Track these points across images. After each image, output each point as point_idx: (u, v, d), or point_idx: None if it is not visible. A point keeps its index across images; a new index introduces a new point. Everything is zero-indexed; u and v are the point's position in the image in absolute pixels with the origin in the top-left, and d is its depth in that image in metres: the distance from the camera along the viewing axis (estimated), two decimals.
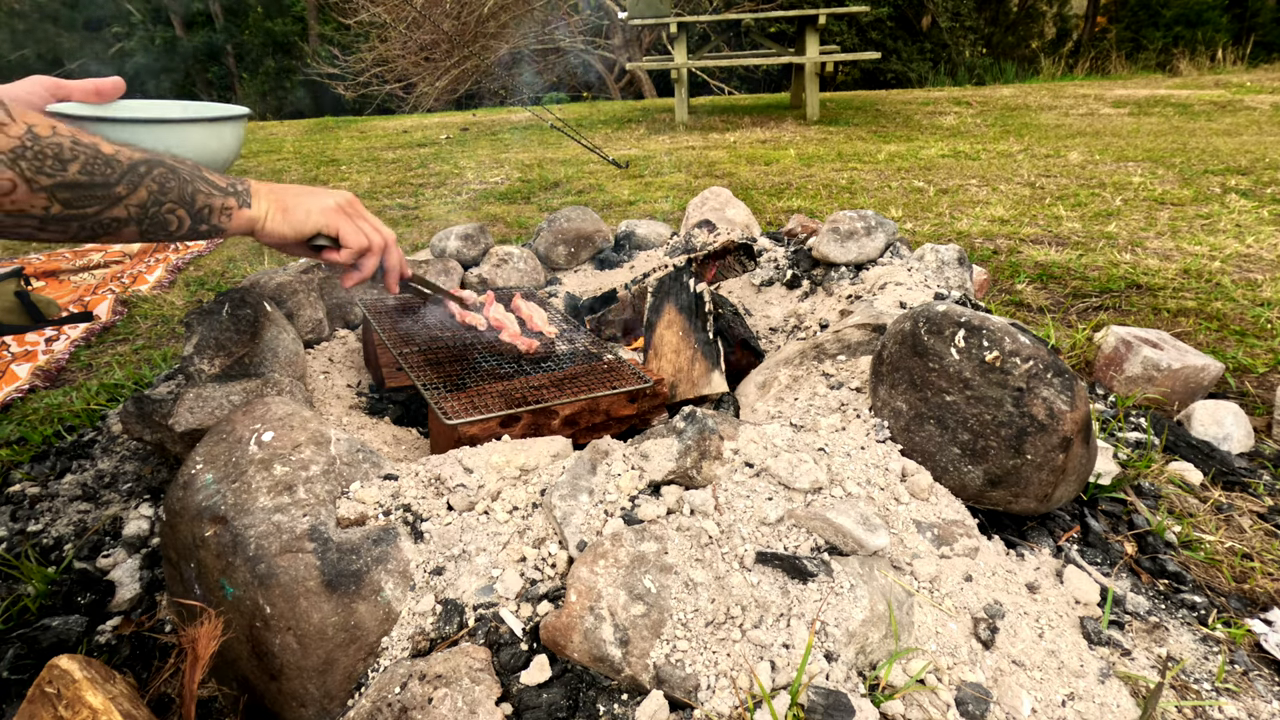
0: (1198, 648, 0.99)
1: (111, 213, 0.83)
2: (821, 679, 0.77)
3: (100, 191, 0.81)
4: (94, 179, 0.80)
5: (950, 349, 1.05)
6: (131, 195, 0.84)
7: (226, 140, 1.14)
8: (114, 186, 0.82)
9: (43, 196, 0.78)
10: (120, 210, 0.84)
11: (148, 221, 0.87)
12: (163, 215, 0.88)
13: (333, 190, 1.07)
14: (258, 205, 0.98)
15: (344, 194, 1.07)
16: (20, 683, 0.99)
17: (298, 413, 1.05)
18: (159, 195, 0.86)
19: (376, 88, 9.38)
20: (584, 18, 9.82)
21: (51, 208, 0.79)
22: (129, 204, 0.84)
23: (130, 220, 0.85)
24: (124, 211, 0.84)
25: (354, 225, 1.06)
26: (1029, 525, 1.15)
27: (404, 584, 0.87)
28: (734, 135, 6.21)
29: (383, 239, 1.10)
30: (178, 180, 0.88)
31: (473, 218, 3.77)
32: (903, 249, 1.83)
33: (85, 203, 0.81)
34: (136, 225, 0.86)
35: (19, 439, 1.70)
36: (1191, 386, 1.65)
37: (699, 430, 1.00)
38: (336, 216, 1.04)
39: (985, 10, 14.72)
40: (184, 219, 0.90)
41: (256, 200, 0.98)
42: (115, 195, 0.82)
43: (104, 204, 0.82)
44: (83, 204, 0.81)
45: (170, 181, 0.87)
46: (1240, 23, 13.96)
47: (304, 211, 1.01)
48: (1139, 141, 5.13)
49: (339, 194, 1.06)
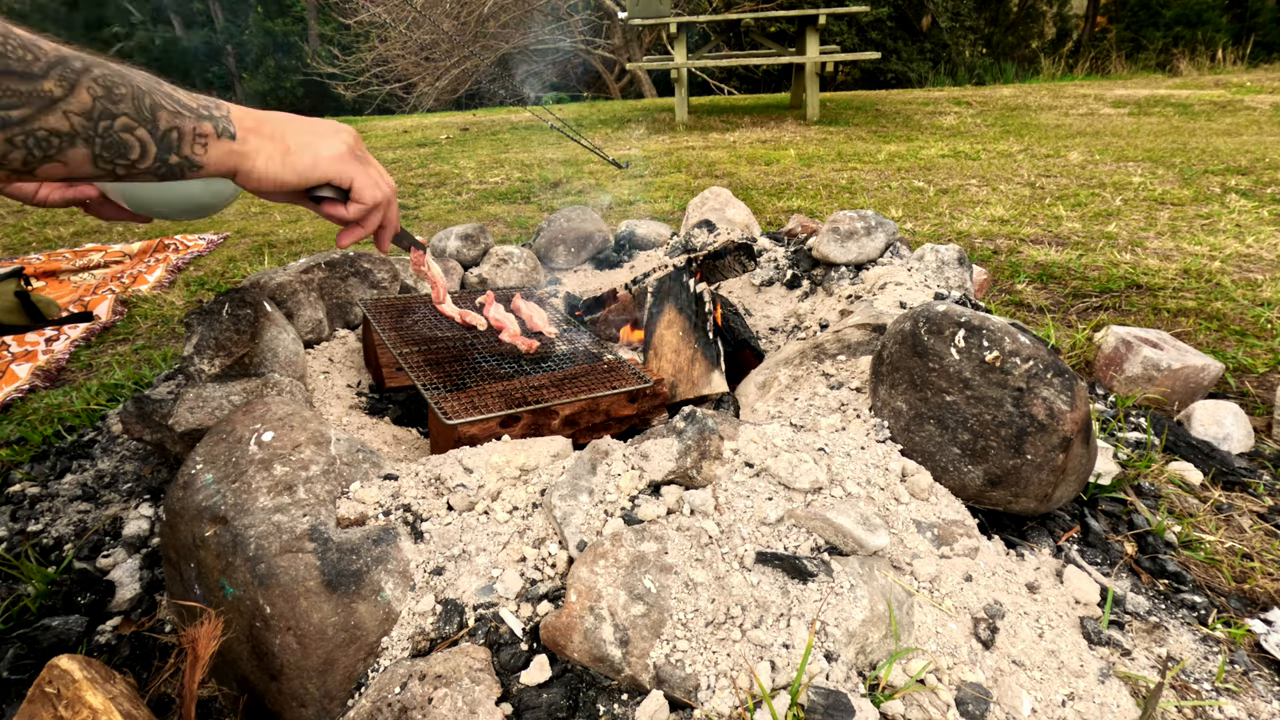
0: (1198, 648, 0.99)
1: (48, 121, 0.64)
2: (821, 679, 0.77)
3: (23, 85, 0.62)
4: (9, 64, 0.61)
5: (950, 349, 1.05)
6: (70, 98, 0.64)
7: None
8: (40, 80, 0.63)
9: None
10: (59, 119, 0.64)
11: (99, 141, 0.67)
12: (116, 134, 0.67)
13: (333, 124, 0.87)
14: (244, 140, 0.77)
15: (345, 129, 0.88)
16: (20, 683, 0.99)
17: (298, 413, 1.05)
18: (107, 104, 0.66)
19: (376, 88, 9.38)
20: (584, 17, 9.82)
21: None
22: (68, 111, 0.64)
23: (77, 136, 0.65)
24: (65, 122, 0.64)
25: (367, 174, 0.88)
26: (1029, 525, 1.15)
27: (404, 584, 0.87)
28: (734, 135, 6.21)
29: (390, 189, 0.93)
30: (130, 87, 0.68)
31: (473, 218, 3.77)
32: (903, 249, 1.83)
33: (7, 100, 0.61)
34: (86, 145, 0.66)
35: (19, 439, 1.70)
36: (1191, 386, 1.65)
37: (699, 430, 1.00)
38: (350, 165, 0.85)
39: (985, 10, 14.72)
40: (147, 144, 0.70)
41: (243, 134, 0.76)
42: (46, 94, 0.63)
43: (35, 106, 0.63)
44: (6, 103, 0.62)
45: (120, 87, 0.67)
46: (1240, 23, 13.96)
47: (311, 156, 0.81)
48: (1139, 141, 5.13)
49: (342, 131, 0.87)
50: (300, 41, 15.55)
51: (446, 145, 6.55)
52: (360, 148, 0.89)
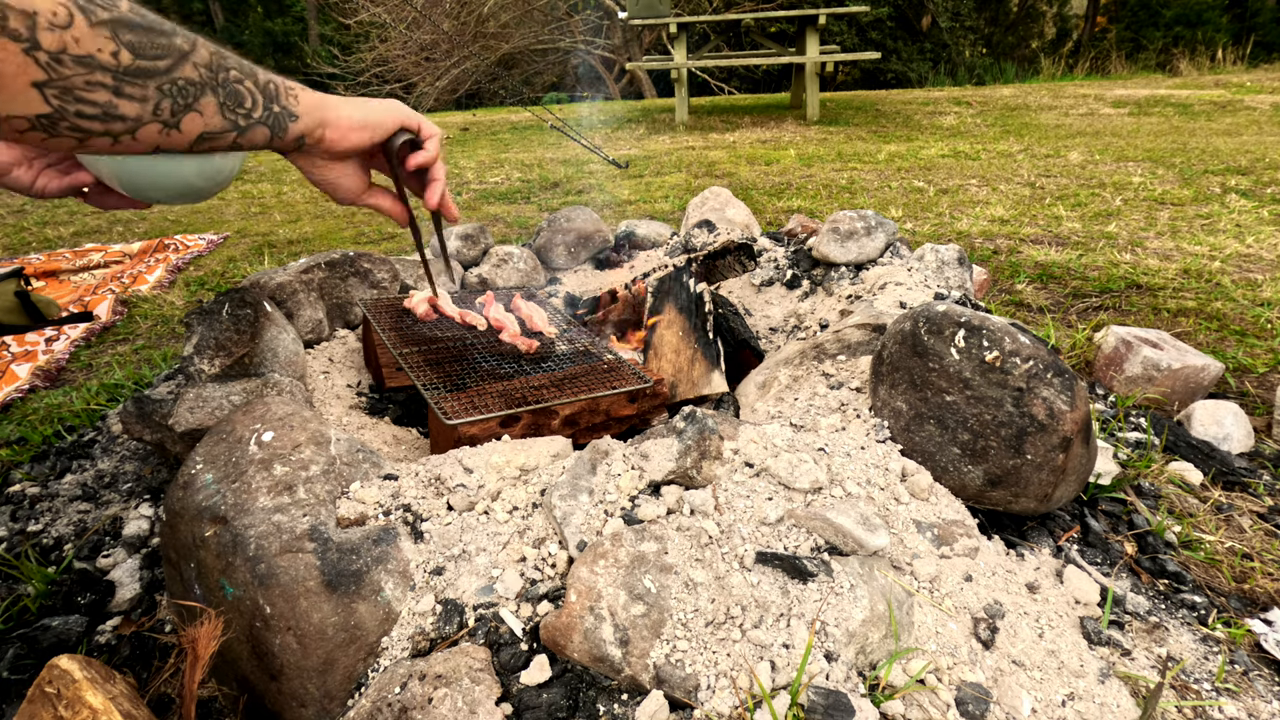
0: (1198, 648, 0.99)
1: (185, 71, 0.69)
2: (821, 679, 0.77)
3: (161, 40, 0.67)
4: (149, 21, 0.66)
5: (950, 349, 1.05)
6: (194, 52, 0.69)
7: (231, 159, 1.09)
8: (172, 36, 0.68)
9: (106, 34, 0.63)
10: (191, 69, 0.69)
11: (222, 91, 0.72)
12: (232, 84, 0.73)
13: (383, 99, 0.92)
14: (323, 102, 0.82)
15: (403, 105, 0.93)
16: (20, 683, 0.99)
17: (298, 413, 1.05)
18: (219, 58, 0.72)
19: (376, 88, 9.38)
20: (584, 18, 9.82)
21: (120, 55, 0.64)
22: (196, 63, 0.70)
23: (205, 85, 0.71)
24: (196, 73, 0.70)
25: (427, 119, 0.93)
26: (1029, 525, 1.15)
27: (404, 584, 0.87)
28: (734, 135, 6.21)
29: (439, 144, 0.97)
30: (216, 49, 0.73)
31: (473, 218, 3.77)
32: (903, 249, 1.83)
33: (154, 51, 0.66)
34: (213, 94, 0.71)
35: (19, 439, 1.70)
36: (1191, 386, 1.65)
37: (699, 430, 1.00)
38: (415, 114, 0.91)
39: (985, 10, 14.72)
40: (255, 94, 0.75)
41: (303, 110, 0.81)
42: (179, 48, 0.68)
43: (173, 57, 0.68)
44: (152, 52, 0.66)
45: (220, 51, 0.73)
46: (1240, 23, 13.96)
47: (383, 108, 0.87)
48: (1139, 141, 5.13)
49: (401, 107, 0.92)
50: (300, 41, 15.55)
51: (446, 145, 6.55)
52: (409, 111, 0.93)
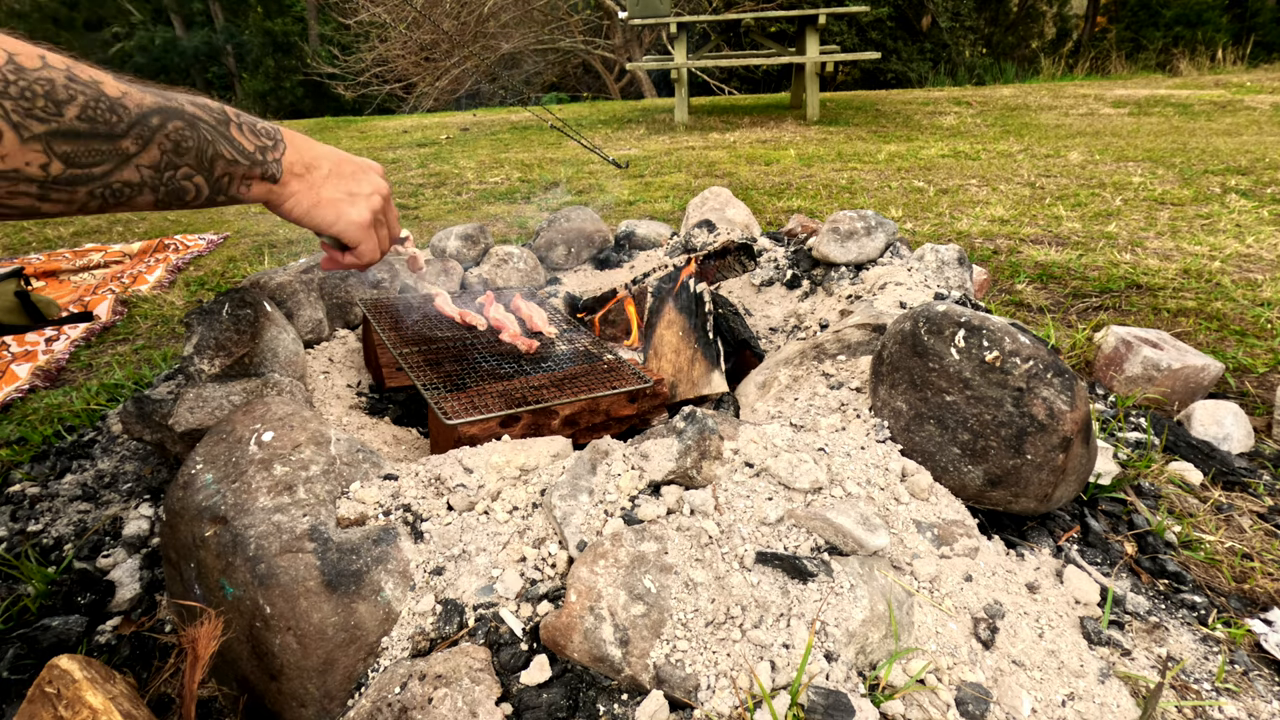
0: (1198, 648, 0.99)
1: (122, 175, 0.68)
2: (821, 679, 0.77)
3: (105, 145, 0.65)
4: (96, 128, 0.64)
5: (950, 349, 1.05)
6: (142, 153, 0.68)
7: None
8: (120, 139, 0.66)
9: (38, 149, 0.61)
10: (132, 172, 0.69)
11: (163, 189, 0.72)
12: (178, 182, 0.73)
13: (374, 181, 0.94)
14: (286, 185, 0.84)
15: (382, 189, 0.96)
16: (20, 683, 0.99)
17: (298, 413, 1.05)
18: (173, 157, 0.71)
19: (376, 88, 9.38)
20: (584, 17, 9.82)
21: (50, 165, 0.62)
22: (140, 165, 0.69)
23: (144, 185, 0.70)
24: (136, 174, 0.69)
25: (374, 242, 0.96)
26: (1029, 525, 1.15)
27: (404, 584, 0.87)
28: (734, 135, 6.21)
29: (389, 246, 1.02)
30: (197, 139, 0.73)
31: (473, 218, 3.77)
32: (903, 249, 1.83)
33: (90, 159, 0.65)
34: (152, 192, 0.71)
35: (19, 439, 1.70)
36: (1191, 386, 1.65)
37: (699, 430, 1.00)
38: (364, 233, 0.93)
39: (985, 10, 14.72)
40: (201, 188, 0.76)
41: (286, 177, 0.84)
42: (123, 151, 0.67)
43: (112, 162, 0.66)
44: (87, 161, 0.65)
45: (188, 140, 0.72)
46: (1240, 23, 13.96)
47: (334, 215, 0.89)
48: (1139, 141, 5.13)
49: (376, 193, 0.94)
50: (300, 41, 15.55)
51: (446, 145, 6.55)
52: (384, 209, 0.97)
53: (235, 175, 0.78)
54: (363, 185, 0.92)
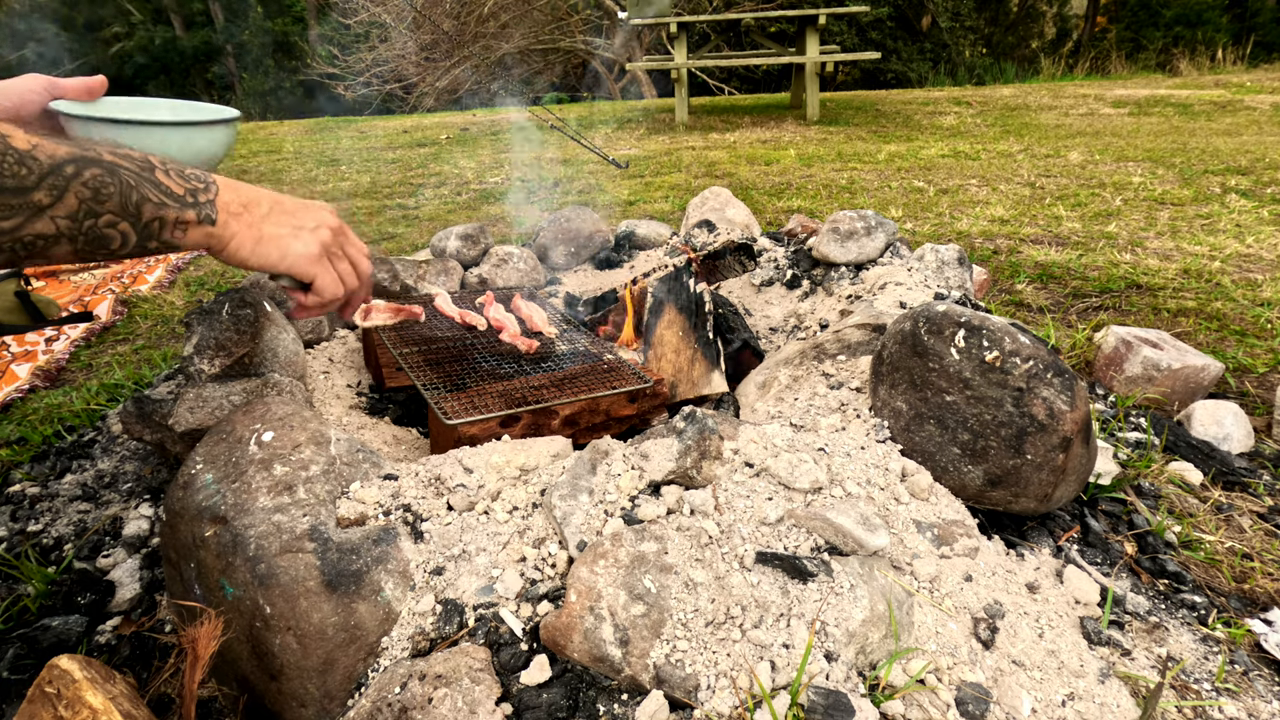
0: (1198, 648, 0.99)
1: (34, 228, 0.67)
2: (821, 679, 0.77)
3: (14, 199, 0.65)
4: (4, 182, 0.64)
5: (950, 349, 1.05)
6: (57, 204, 0.67)
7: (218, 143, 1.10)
8: (31, 192, 0.66)
9: None
10: (45, 224, 0.67)
11: (82, 239, 0.70)
12: (100, 230, 0.71)
13: (320, 215, 0.90)
14: (225, 225, 0.81)
15: (330, 222, 0.92)
16: (20, 683, 0.99)
17: (298, 413, 1.05)
18: (93, 204, 0.69)
19: (376, 88, 9.38)
20: (584, 17, 9.82)
21: None
22: (55, 216, 0.67)
23: (61, 236, 0.69)
24: (50, 226, 0.67)
25: (331, 274, 0.92)
26: (1029, 525, 1.15)
27: (404, 584, 0.87)
28: (734, 135, 6.21)
29: (356, 282, 0.97)
30: (119, 184, 0.71)
31: (473, 218, 3.77)
32: (903, 249, 1.83)
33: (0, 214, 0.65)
34: (70, 243, 0.69)
35: (19, 439, 1.70)
36: (1191, 386, 1.65)
37: (699, 430, 1.00)
38: (316, 266, 0.89)
39: (985, 10, 14.72)
40: (128, 234, 0.73)
41: (224, 218, 0.81)
42: (35, 204, 0.66)
43: (23, 215, 0.66)
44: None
45: (108, 187, 0.70)
46: (1240, 23, 13.96)
47: (279, 251, 0.85)
48: (1139, 141, 5.13)
49: (324, 226, 0.90)
50: (300, 41, 15.55)
51: (446, 145, 6.55)
52: (338, 241, 0.92)
53: (167, 219, 0.76)
54: (306, 220, 0.89)
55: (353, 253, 0.96)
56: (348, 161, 5.89)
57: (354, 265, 0.96)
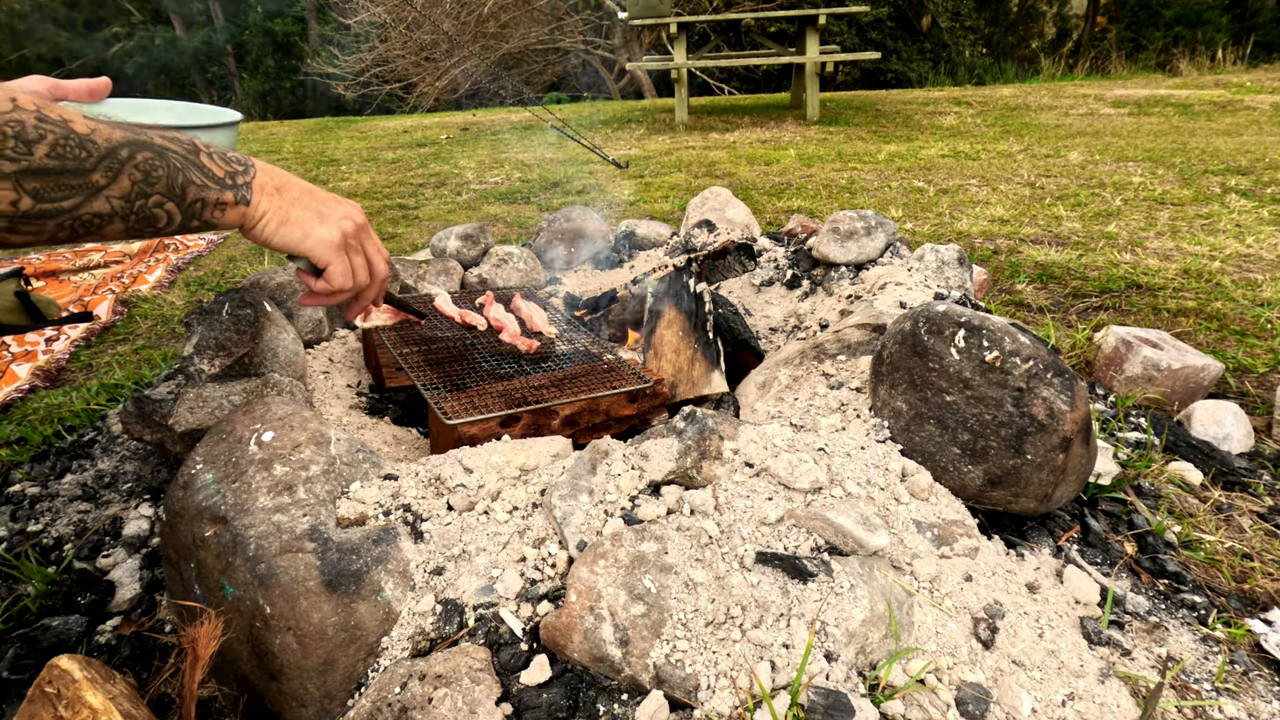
0: (1198, 648, 0.99)
1: (92, 207, 0.72)
2: (821, 679, 0.77)
3: (75, 180, 0.69)
4: (66, 164, 0.68)
5: (950, 349, 1.05)
6: (112, 185, 0.72)
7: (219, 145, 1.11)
8: (90, 173, 0.70)
9: (8, 187, 0.65)
10: (102, 204, 0.72)
11: (134, 217, 0.75)
12: (150, 210, 0.76)
13: (347, 208, 0.94)
14: (256, 205, 0.86)
15: (356, 218, 0.96)
16: (20, 683, 0.99)
17: (298, 413, 1.05)
18: (144, 186, 0.74)
19: (376, 88, 9.38)
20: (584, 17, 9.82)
21: (20, 201, 0.66)
22: (110, 196, 0.72)
23: (115, 215, 0.74)
24: (106, 205, 0.72)
25: (346, 265, 0.94)
26: (1029, 525, 1.15)
27: (404, 584, 0.87)
28: (734, 135, 6.21)
29: (368, 279, 0.99)
30: (166, 167, 0.76)
31: (473, 218, 3.77)
32: (903, 249, 1.83)
33: (59, 194, 0.69)
34: (122, 221, 0.75)
35: (19, 439, 1.70)
36: (1191, 386, 1.65)
37: (699, 430, 1.00)
38: (333, 253, 0.92)
39: (985, 10, 14.72)
40: (174, 214, 0.78)
41: (257, 198, 0.85)
42: (93, 184, 0.71)
43: (82, 195, 0.70)
44: (57, 195, 0.69)
45: (158, 169, 0.75)
46: (1240, 23, 13.96)
47: (301, 232, 0.90)
48: (1139, 141, 5.13)
49: (349, 218, 0.94)
50: (300, 41, 15.55)
51: (446, 145, 6.55)
52: (358, 237, 0.96)
53: (208, 200, 0.81)
54: (334, 210, 0.93)
55: (371, 250, 0.99)
56: (348, 161, 5.90)
57: (370, 263, 0.99)
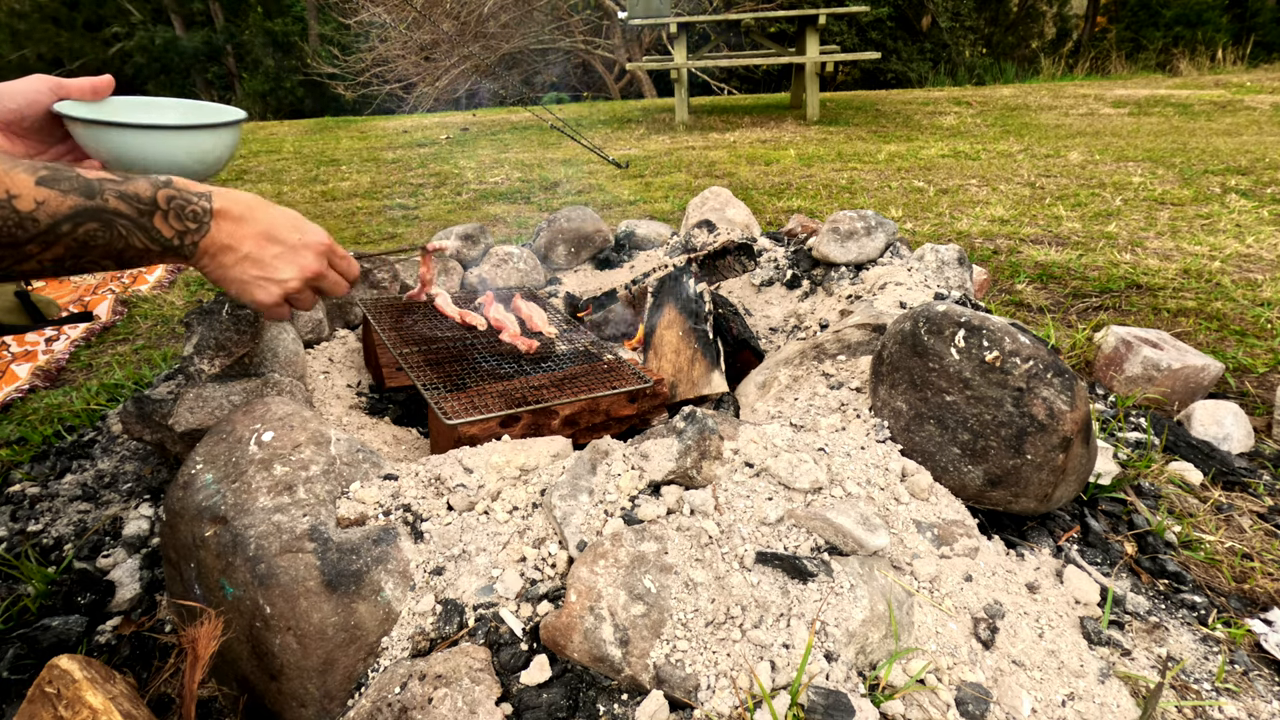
0: (1198, 648, 0.99)
1: (19, 267, 0.75)
2: (821, 679, 0.77)
3: (5, 251, 0.72)
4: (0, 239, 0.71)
5: (950, 349, 1.05)
6: (45, 252, 0.74)
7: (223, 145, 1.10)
8: (23, 246, 0.73)
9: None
10: (30, 264, 0.75)
11: (64, 272, 0.79)
12: (82, 266, 0.78)
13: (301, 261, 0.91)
14: (196, 260, 0.85)
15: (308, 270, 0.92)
16: (20, 683, 0.99)
17: (298, 413, 1.05)
18: (80, 251, 0.76)
19: (376, 88, 9.38)
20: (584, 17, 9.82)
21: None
22: (41, 259, 0.75)
23: (44, 271, 0.77)
24: (35, 265, 0.75)
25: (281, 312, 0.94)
26: (1029, 525, 1.15)
27: (404, 584, 0.87)
28: (734, 135, 6.21)
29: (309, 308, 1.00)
30: (109, 235, 0.77)
31: (473, 218, 3.77)
32: (903, 249, 1.83)
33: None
34: (52, 274, 0.79)
35: (19, 439, 1.70)
36: (1191, 386, 1.65)
37: (699, 430, 1.00)
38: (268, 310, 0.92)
39: (985, 10, 14.72)
40: (107, 267, 0.81)
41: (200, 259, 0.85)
42: (25, 254, 0.74)
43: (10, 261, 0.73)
44: None
45: (98, 239, 0.76)
46: (1240, 23, 13.96)
47: (237, 291, 0.89)
48: (1139, 141, 5.13)
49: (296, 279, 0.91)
50: (300, 41, 15.55)
51: (446, 145, 6.55)
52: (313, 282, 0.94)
53: (149, 255, 0.81)
54: (281, 270, 0.90)
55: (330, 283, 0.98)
56: (348, 161, 5.89)
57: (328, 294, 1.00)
